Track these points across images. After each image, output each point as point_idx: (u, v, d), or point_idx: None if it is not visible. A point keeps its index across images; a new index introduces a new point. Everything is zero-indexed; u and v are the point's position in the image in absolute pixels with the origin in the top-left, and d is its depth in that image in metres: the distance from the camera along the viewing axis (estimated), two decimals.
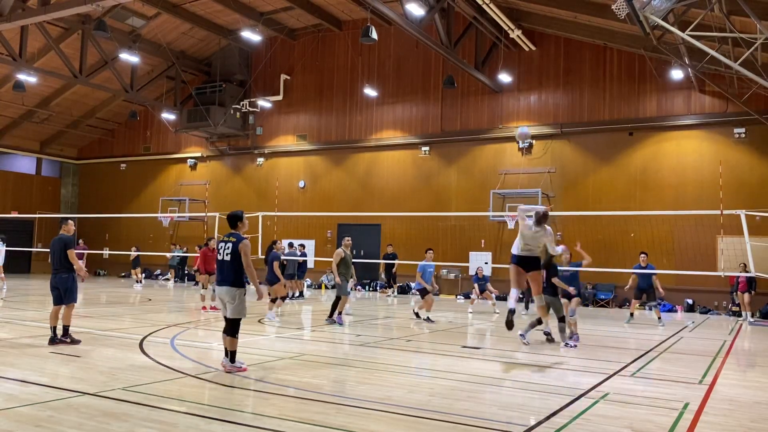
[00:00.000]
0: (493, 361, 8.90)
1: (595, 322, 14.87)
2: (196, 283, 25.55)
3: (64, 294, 9.23)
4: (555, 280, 10.71)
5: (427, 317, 13.90)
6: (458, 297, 21.58)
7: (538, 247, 9.81)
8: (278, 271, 13.52)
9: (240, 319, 7.53)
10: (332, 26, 24.83)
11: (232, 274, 7.46)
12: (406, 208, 22.51)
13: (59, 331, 9.17)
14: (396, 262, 21.27)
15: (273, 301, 13.39)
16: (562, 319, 10.47)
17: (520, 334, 10.17)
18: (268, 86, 26.81)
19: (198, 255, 24.68)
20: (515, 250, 9.83)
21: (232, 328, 7.46)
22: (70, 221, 9.74)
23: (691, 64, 16.74)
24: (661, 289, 14.75)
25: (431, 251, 14.70)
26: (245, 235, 7.90)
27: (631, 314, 15.15)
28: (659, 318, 14.78)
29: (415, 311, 14.31)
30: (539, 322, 10.48)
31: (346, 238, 13.44)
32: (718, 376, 8.04)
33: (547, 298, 10.55)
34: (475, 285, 17.45)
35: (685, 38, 12.91)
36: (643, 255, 15.05)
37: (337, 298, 12.77)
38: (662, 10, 12.26)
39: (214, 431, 5.05)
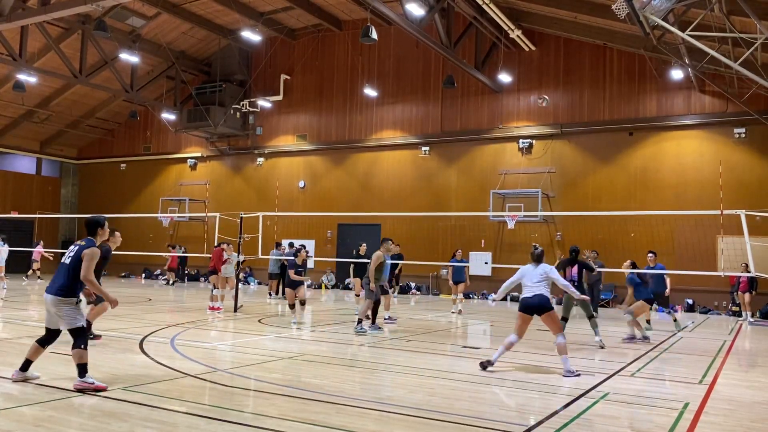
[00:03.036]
0: None
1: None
2: (187, 280, 25.62)
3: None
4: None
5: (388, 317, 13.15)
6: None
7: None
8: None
9: (82, 328, 6.42)
10: (332, 26, 24.83)
11: (63, 281, 6.40)
12: (406, 208, 22.51)
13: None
14: (401, 262, 21.19)
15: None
16: (591, 317, 10.69)
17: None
18: (268, 86, 26.81)
19: (172, 255, 24.80)
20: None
21: (76, 339, 6.34)
22: (117, 234, 9.12)
23: (691, 64, 16.74)
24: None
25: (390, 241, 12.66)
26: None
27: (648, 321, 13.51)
28: (675, 320, 13.64)
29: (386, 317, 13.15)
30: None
31: (391, 244, 12.05)
32: (718, 376, 8.04)
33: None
34: (451, 266, 16.12)
35: (685, 38, 12.91)
36: (651, 254, 13.73)
37: (377, 303, 11.86)
38: (662, 10, 12.26)
39: (214, 431, 5.05)
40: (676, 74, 19.13)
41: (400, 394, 6.53)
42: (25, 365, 6.54)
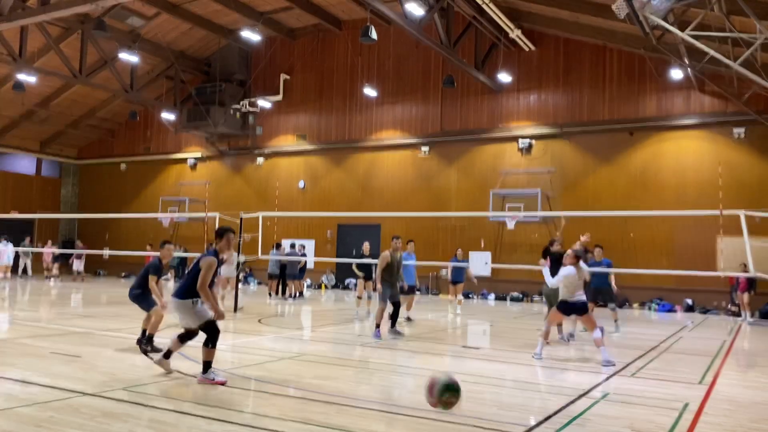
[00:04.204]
0: (493, 361, 8.91)
1: None
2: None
3: (140, 304, 8.93)
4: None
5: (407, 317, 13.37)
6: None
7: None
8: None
9: (209, 324, 6.78)
10: (332, 26, 24.82)
11: (184, 284, 6.84)
12: (406, 209, 22.49)
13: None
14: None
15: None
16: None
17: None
18: (268, 86, 26.80)
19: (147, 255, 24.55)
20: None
21: (207, 337, 6.75)
22: (167, 246, 9.21)
23: (691, 64, 16.74)
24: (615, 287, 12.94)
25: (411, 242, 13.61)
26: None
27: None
28: (615, 321, 12.93)
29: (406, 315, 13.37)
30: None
31: (396, 240, 11.23)
32: (718, 376, 8.05)
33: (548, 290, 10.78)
34: (450, 266, 15.40)
35: (684, 38, 12.92)
36: (598, 248, 13.02)
37: (397, 307, 11.29)
38: (662, 10, 12.26)
39: (214, 431, 5.06)
40: (676, 74, 19.12)
41: (400, 394, 6.54)
42: (167, 353, 7.05)
